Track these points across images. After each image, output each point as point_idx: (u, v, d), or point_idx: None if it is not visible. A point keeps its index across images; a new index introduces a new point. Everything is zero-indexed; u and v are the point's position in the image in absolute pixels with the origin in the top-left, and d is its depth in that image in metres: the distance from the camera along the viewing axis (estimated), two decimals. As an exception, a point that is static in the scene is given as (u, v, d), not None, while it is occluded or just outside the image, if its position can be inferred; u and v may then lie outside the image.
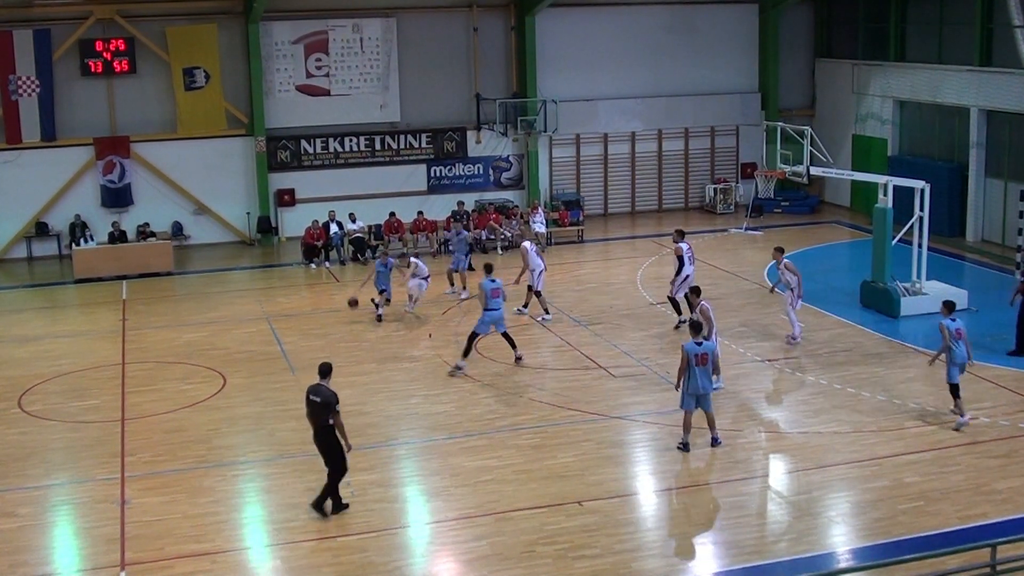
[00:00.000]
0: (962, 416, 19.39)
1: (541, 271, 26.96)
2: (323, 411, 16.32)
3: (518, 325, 26.15)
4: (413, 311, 27.36)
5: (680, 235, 26.22)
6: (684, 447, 18.61)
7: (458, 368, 22.93)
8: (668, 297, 26.06)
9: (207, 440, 19.87)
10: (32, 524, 16.78)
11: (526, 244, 27.55)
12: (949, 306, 19.86)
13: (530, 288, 26.92)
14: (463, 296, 28.82)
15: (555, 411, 20.67)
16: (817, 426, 19.64)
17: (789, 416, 20.36)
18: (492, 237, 34.75)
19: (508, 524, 16.08)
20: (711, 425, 18.77)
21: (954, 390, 19.46)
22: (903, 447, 18.60)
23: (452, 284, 29.53)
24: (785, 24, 41.02)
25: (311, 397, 16.48)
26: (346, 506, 16.68)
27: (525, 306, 27.17)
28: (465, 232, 30.51)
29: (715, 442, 18.72)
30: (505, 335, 23.39)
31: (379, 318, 27.07)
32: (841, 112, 40.32)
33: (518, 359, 23.42)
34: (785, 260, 24.47)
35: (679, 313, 25.50)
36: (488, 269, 23.89)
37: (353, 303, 27.34)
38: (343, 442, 16.48)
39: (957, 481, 17.27)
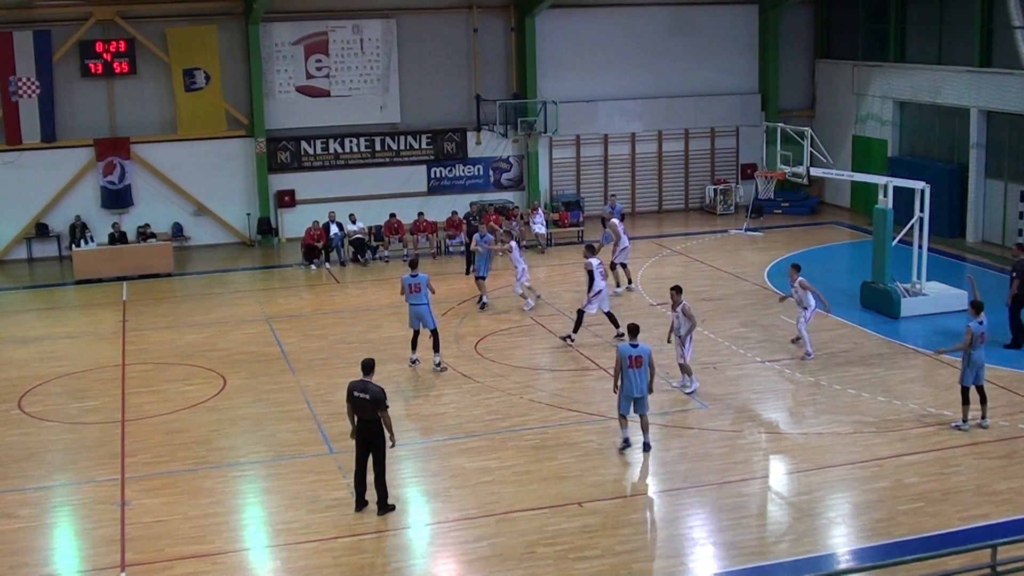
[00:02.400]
0: (964, 421, 19.36)
1: (524, 269, 28.12)
2: (372, 407, 16.33)
3: (522, 327, 26.19)
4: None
5: (591, 251, 25.37)
6: (625, 444, 18.66)
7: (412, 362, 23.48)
8: (578, 310, 25.10)
9: (207, 441, 19.87)
10: (32, 525, 16.78)
11: (512, 244, 28.63)
12: (977, 307, 19.55)
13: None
14: (485, 300, 28.51)
15: (555, 412, 20.67)
16: (817, 427, 19.64)
17: (789, 417, 20.37)
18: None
19: (508, 525, 16.08)
20: (644, 429, 18.68)
21: (965, 393, 19.35)
22: (904, 448, 18.59)
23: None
24: (785, 25, 41.03)
25: (357, 394, 16.45)
26: (392, 507, 16.68)
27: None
28: (490, 236, 29.56)
29: (646, 447, 18.63)
30: (434, 332, 23.27)
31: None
32: (841, 113, 40.32)
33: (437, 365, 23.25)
34: (800, 279, 23.64)
35: (616, 326, 24.82)
36: (413, 264, 24.12)
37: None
38: (388, 436, 16.50)
39: (958, 482, 17.27)
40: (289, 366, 24.02)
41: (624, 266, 29.48)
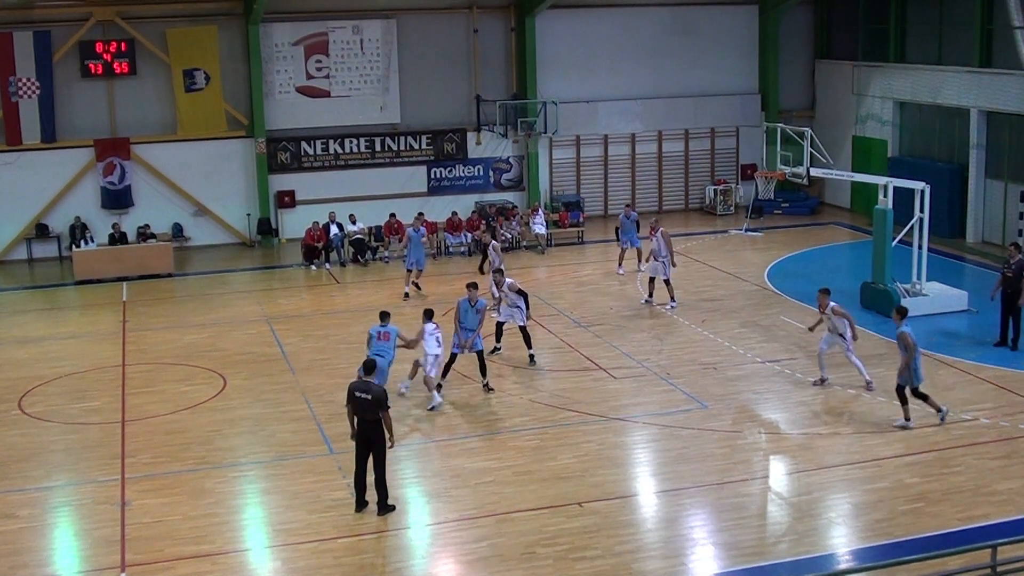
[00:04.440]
0: (907, 420, 19.33)
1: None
2: (374, 407, 16.34)
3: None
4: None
5: (500, 274, 24.58)
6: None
7: (488, 387, 21.99)
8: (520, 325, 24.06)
9: (208, 442, 19.86)
10: (32, 526, 16.78)
11: (494, 243, 28.99)
12: (902, 312, 19.61)
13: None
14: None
15: (555, 412, 20.67)
16: (817, 427, 19.64)
17: (789, 417, 20.35)
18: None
19: (508, 525, 16.08)
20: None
21: (902, 392, 19.33)
22: (903, 448, 18.59)
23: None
24: (785, 25, 41.03)
25: (359, 394, 16.45)
26: (392, 508, 16.69)
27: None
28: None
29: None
30: (480, 355, 22.05)
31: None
32: (841, 113, 40.32)
33: (486, 386, 22.07)
34: (832, 304, 21.47)
35: (497, 341, 24.45)
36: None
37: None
38: (388, 437, 16.53)
39: (958, 482, 17.27)
40: (289, 366, 24.03)
41: (652, 279, 28.12)
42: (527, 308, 24.23)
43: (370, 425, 16.40)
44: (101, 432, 20.46)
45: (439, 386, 21.42)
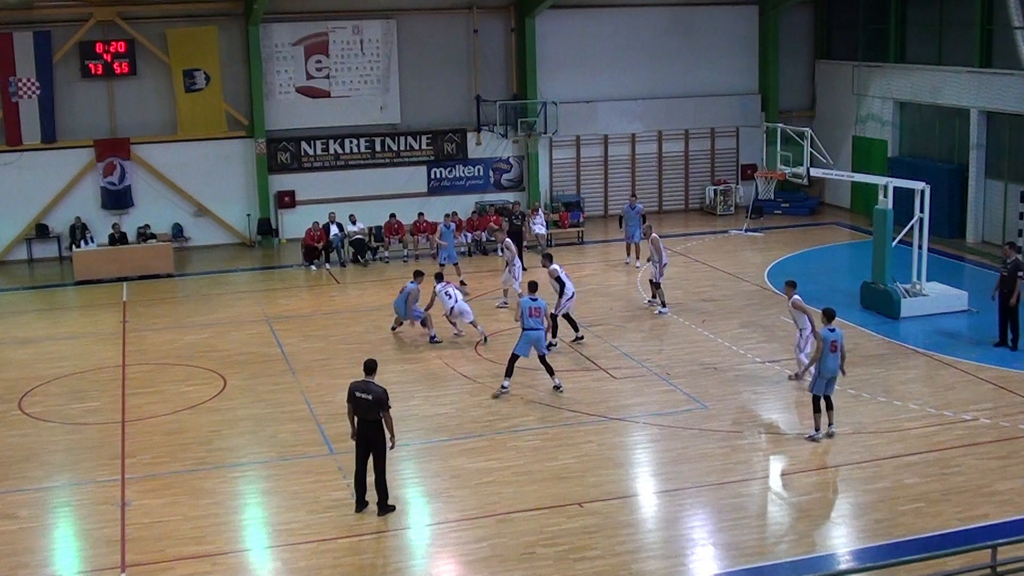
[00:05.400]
0: (816, 431, 19.11)
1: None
2: (375, 408, 16.35)
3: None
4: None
5: (549, 259, 25.67)
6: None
7: (503, 389, 21.78)
8: (551, 314, 23.83)
9: (208, 442, 19.86)
10: (33, 526, 16.78)
11: (507, 240, 29.19)
12: (829, 315, 19.49)
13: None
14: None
15: (555, 412, 20.67)
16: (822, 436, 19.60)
17: (789, 417, 20.35)
18: (493, 239, 34.71)
19: (508, 526, 16.08)
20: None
21: (815, 402, 19.11)
22: (903, 448, 18.60)
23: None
24: (785, 25, 41.03)
25: (359, 395, 16.44)
26: (392, 508, 16.69)
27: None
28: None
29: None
30: (542, 359, 21.83)
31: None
32: (841, 113, 40.32)
33: (556, 387, 21.80)
34: (795, 297, 21.76)
35: (576, 330, 24.98)
36: (532, 287, 22.48)
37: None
38: (388, 436, 16.54)
39: (958, 482, 17.27)
40: (289, 367, 24.03)
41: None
42: (560, 298, 24.69)
43: (370, 425, 16.41)
44: (101, 432, 20.46)
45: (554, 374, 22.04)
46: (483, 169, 39.01)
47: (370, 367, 16.81)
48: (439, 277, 25.32)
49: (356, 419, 16.55)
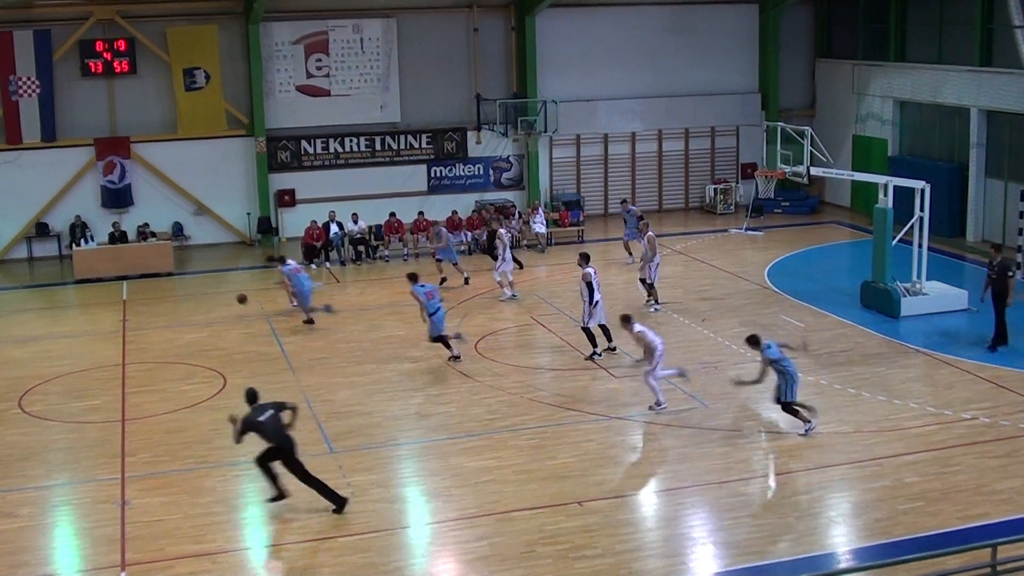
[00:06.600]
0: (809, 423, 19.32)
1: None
2: (276, 417, 16.44)
3: (521, 326, 26.27)
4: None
5: (586, 259, 24.52)
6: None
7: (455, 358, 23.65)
8: (582, 327, 23.85)
9: (208, 440, 19.85)
10: (33, 525, 16.79)
11: (501, 231, 29.86)
12: (626, 318, 20.62)
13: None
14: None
15: (555, 411, 20.66)
16: (817, 426, 19.60)
17: (788, 417, 20.29)
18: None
19: (508, 524, 16.08)
20: None
21: (789, 408, 19.35)
22: (903, 447, 18.60)
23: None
24: (785, 24, 41.03)
25: (263, 421, 16.35)
26: (345, 499, 16.68)
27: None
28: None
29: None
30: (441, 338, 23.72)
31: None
32: (841, 112, 40.32)
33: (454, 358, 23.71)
34: (637, 328, 20.59)
35: (594, 345, 23.86)
36: (413, 278, 24.52)
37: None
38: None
39: (958, 481, 17.27)
40: (289, 365, 24.03)
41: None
42: (591, 305, 23.67)
43: (286, 443, 16.44)
44: (101, 431, 20.48)
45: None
46: (483, 168, 39.01)
47: (253, 395, 16.76)
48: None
49: (268, 443, 16.49)
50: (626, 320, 20.74)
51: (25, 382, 23.39)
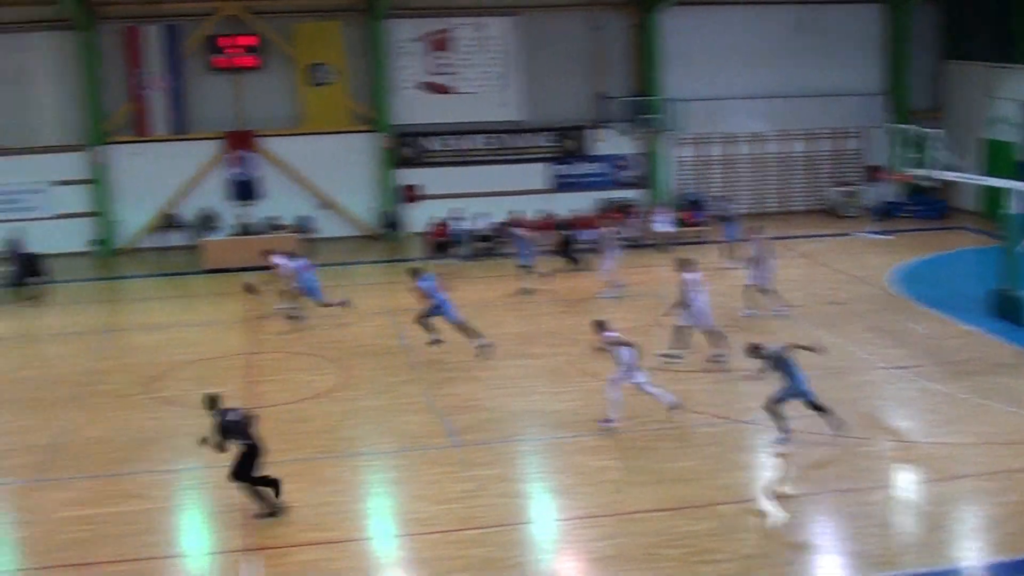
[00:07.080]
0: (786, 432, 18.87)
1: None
2: (243, 423, 16.53)
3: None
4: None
5: (688, 266, 23.83)
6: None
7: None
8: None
9: (331, 431, 20.11)
10: (161, 507, 17.19)
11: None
12: (599, 324, 19.89)
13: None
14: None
15: (679, 413, 20.42)
16: (944, 436, 19.15)
17: (915, 425, 19.90)
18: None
19: (632, 525, 15.95)
20: None
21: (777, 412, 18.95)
22: (1033, 460, 18.07)
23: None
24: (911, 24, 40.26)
25: (239, 420, 16.51)
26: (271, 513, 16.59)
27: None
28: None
29: None
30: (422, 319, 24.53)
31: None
32: (970, 115, 39.40)
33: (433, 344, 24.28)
34: (606, 333, 19.96)
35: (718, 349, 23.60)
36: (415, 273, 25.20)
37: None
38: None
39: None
40: (410, 359, 24.21)
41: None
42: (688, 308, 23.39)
43: (255, 436, 16.54)
44: (228, 418, 20.80)
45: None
46: (605, 166, 38.91)
47: (214, 399, 16.84)
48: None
49: (245, 439, 16.49)
50: (599, 325, 20.05)
51: (155, 368, 23.96)
